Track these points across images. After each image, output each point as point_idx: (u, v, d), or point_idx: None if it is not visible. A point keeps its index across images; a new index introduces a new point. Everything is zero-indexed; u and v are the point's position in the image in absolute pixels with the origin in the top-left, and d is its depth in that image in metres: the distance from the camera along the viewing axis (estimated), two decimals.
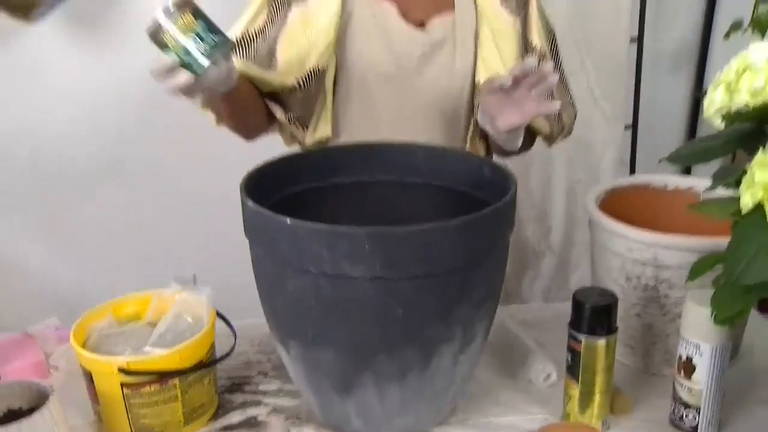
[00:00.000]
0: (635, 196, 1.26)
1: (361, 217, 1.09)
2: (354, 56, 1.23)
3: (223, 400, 1.08)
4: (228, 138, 1.31)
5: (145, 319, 1.10)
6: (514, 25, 1.26)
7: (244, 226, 0.95)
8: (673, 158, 0.87)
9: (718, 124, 0.79)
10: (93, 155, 2.12)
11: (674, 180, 1.27)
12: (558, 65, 1.35)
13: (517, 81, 1.06)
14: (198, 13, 0.96)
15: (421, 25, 1.24)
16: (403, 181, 1.12)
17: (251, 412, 1.06)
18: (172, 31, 0.95)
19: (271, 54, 1.20)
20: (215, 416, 1.05)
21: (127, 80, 2.06)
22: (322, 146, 1.26)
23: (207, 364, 1.01)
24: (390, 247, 0.82)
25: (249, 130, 1.29)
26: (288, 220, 0.84)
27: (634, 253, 1.07)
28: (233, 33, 1.22)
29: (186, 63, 0.96)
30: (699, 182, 1.24)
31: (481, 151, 1.33)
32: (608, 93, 2.14)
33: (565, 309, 0.98)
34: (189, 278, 1.11)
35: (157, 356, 0.97)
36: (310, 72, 1.19)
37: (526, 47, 1.28)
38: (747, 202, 0.67)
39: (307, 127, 1.25)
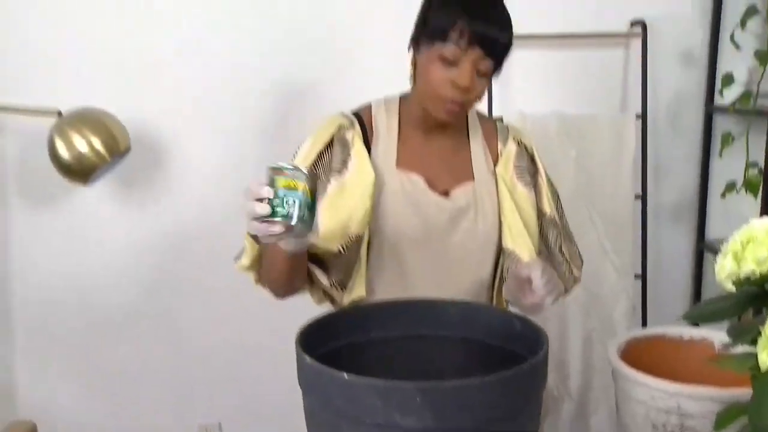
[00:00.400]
0: (653, 346, 1.34)
1: (400, 370, 1.16)
2: (387, 223, 1.34)
3: None
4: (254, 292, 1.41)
5: None
6: (529, 196, 1.41)
7: (299, 379, 1.02)
8: (688, 317, 0.96)
9: (730, 287, 0.89)
10: (132, 302, 2.23)
11: (689, 331, 1.35)
12: (563, 222, 1.49)
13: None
14: (314, 197, 1.11)
15: (445, 193, 1.37)
16: (438, 334, 1.20)
17: None
18: (284, 180, 1.09)
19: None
20: None
21: (166, 234, 2.21)
22: (361, 304, 1.34)
23: None
24: (438, 400, 0.89)
25: (288, 290, 1.37)
26: (345, 375, 0.92)
27: (657, 402, 1.13)
28: None
29: (285, 213, 1.08)
30: (712, 334, 1.32)
31: (504, 304, 1.43)
32: (617, 246, 2.25)
33: None
34: (215, 425, 1.15)
35: None
36: (351, 238, 1.30)
37: (539, 214, 1.42)
38: (765, 360, 0.75)
39: (345, 289, 1.35)
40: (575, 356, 2.27)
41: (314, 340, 1.10)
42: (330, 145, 1.35)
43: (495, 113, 2.21)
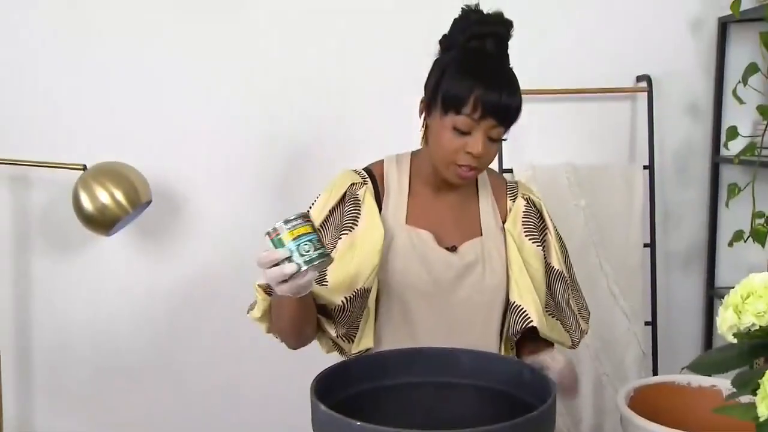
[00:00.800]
0: (662, 393, 1.34)
1: (416, 416, 1.18)
2: (395, 277, 1.37)
3: None
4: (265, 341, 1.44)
5: None
6: (537, 252, 1.43)
7: (313, 425, 1.04)
8: (693, 368, 0.98)
9: (731, 338, 0.91)
10: (144, 349, 2.27)
11: (697, 379, 1.36)
12: (571, 276, 1.51)
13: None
14: (312, 226, 1.16)
15: (453, 249, 1.40)
16: (452, 382, 1.21)
17: None
18: (288, 233, 1.14)
19: (323, 275, 1.31)
20: None
21: (183, 283, 2.25)
22: (378, 352, 1.36)
23: None
24: None
25: (299, 339, 1.37)
26: (357, 423, 0.94)
27: None
28: None
29: (308, 259, 1.14)
30: (720, 381, 1.33)
31: (511, 352, 1.46)
32: (627, 293, 2.27)
33: None
34: None
35: None
36: (356, 292, 1.31)
37: (547, 268, 1.44)
38: (763, 412, 0.77)
39: (352, 340, 1.36)
40: (587, 401, 2.26)
41: (330, 387, 1.12)
42: (342, 201, 1.39)
43: (505, 165, 2.25)
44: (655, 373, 2.29)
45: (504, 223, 1.45)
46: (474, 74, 1.29)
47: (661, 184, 2.35)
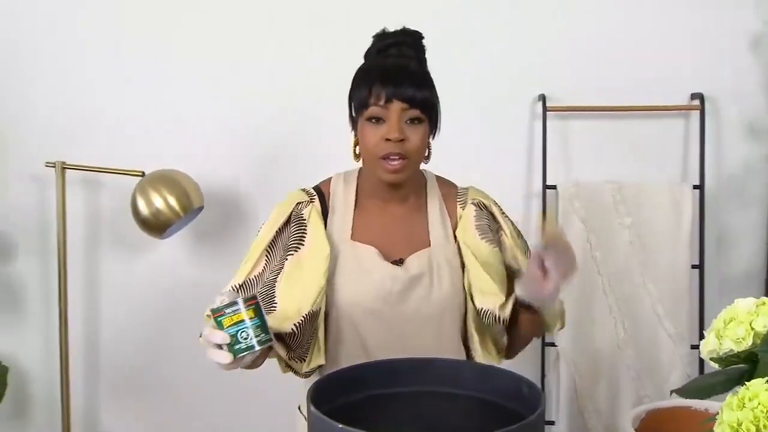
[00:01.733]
0: (677, 417, 1.31)
1: (412, 424, 1.20)
2: (341, 294, 1.37)
3: None
4: None
5: None
6: (493, 251, 1.41)
7: (308, 430, 1.08)
8: (681, 392, 0.96)
9: (712, 363, 0.88)
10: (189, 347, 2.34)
11: (715, 405, 1.31)
12: None
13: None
14: (258, 311, 1.16)
15: (400, 262, 1.39)
16: (451, 393, 1.22)
17: None
18: (228, 318, 1.15)
19: (271, 297, 1.34)
20: None
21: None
22: (380, 360, 1.32)
23: None
24: None
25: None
26: (339, 426, 0.97)
27: None
28: (236, 280, 1.37)
29: (231, 343, 1.15)
30: None
31: (495, 353, 1.45)
32: (672, 314, 2.19)
33: None
34: None
35: None
36: (305, 317, 1.30)
37: (506, 268, 1.43)
38: None
39: (304, 360, 1.35)
40: (627, 422, 2.20)
41: (330, 393, 1.14)
42: (288, 221, 1.40)
43: (549, 181, 2.23)
44: None
45: (455, 230, 1.43)
46: (371, 73, 1.35)
47: (712, 204, 2.27)
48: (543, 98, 2.23)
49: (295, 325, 1.30)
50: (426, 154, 1.41)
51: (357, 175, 1.47)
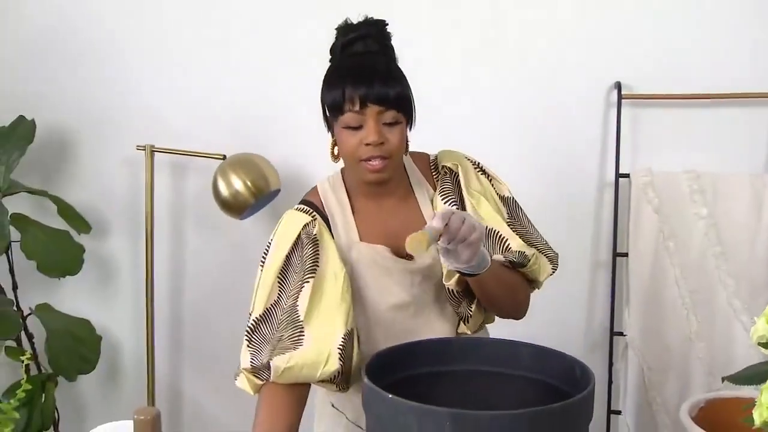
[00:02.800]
0: (736, 407, 1.27)
1: (465, 400, 1.21)
2: (368, 297, 1.37)
3: None
4: None
5: None
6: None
7: (363, 400, 1.12)
8: (732, 379, 0.94)
9: (759, 348, 0.87)
10: None
11: None
12: (522, 219, 1.44)
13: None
14: None
15: (409, 257, 1.36)
16: (504, 372, 1.24)
17: None
18: None
19: (295, 322, 1.30)
20: None
21: None
22: (434, 338, 1.36)
23: None
24: (468, 428, 0.95)
25: None
26: (389, 396, 1.00)
27: None
28: (256, 311, 1.35)
29: None
30: None
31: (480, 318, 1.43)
32: (750, 308, 2.11)
33: None
34: None
35: None
36: (345, 339, 1.28)
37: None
38: (757, 420, 0.73)
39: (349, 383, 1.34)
40: (684, 410, 2.12)
41: (387, 367, 1.17)
42: (296, 245, 1.35)
43: (622, 170, 2.19)
44: None
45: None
46: (341, 75, 1.31)
47: None
48: (618, 86, 2.18)
49: (339, 357, 1.28)
50: (406, 147, 1.37)
51: (341, 177, 1.44)
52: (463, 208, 1.38)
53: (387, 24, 1.38)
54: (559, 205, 2.25)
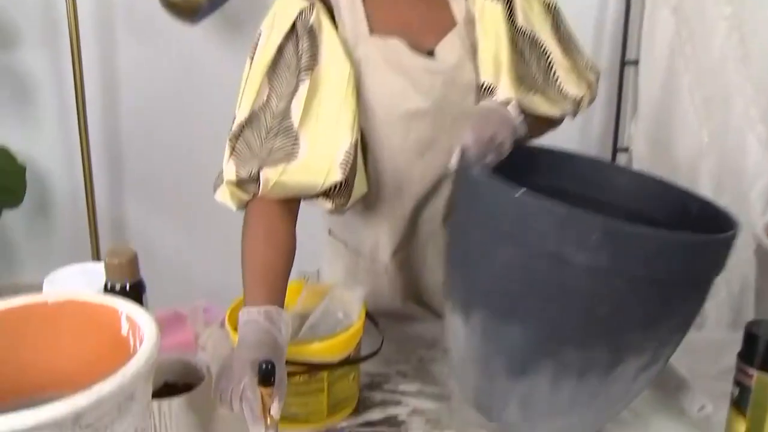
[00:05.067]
0: None
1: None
2: (376, 102, 1.08)
3: (363, 396, 1.01)
4: None
5: (293, 310, 1.01)
6: (496, 7, 1.08)
7: (453, 194, 0.94)
8: None
9: None
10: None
11: None
12: (564, 34, 1.15)
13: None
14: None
15: (430, 53, 1.09)
16: (629, 206, 0.96)
17: (391, 411, 0.99)
18: None
19: (288, 131, 1.04)
20: (356, 411, 0.99)
21: None
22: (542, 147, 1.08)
23: (354, 360, 0.96)
24: (620, 242, 0.71)
25: None
26: (519, 192, 0.74)
27: None
28: (241, 114, 1.06)
29: None
30: None
31: None
32: (766, 118, 1.91)
33: (716, 338, 0.92)
34: (313, 273, 1.06)
35: (310, 348, 0.90)
36: (348, 153, 1.03)
37: (513, 29, 1.10)
38: None
39: (350, 199, 1.08)
40: (760, 229, 1.96)
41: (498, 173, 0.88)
42: (289, 37, 1.06)
43: None
44: None
45: None
46: None
47: None
48: None
49: (342, 169, 1.02)
50: None
51: None
52: (511, 10, 1.09)
53: None
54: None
